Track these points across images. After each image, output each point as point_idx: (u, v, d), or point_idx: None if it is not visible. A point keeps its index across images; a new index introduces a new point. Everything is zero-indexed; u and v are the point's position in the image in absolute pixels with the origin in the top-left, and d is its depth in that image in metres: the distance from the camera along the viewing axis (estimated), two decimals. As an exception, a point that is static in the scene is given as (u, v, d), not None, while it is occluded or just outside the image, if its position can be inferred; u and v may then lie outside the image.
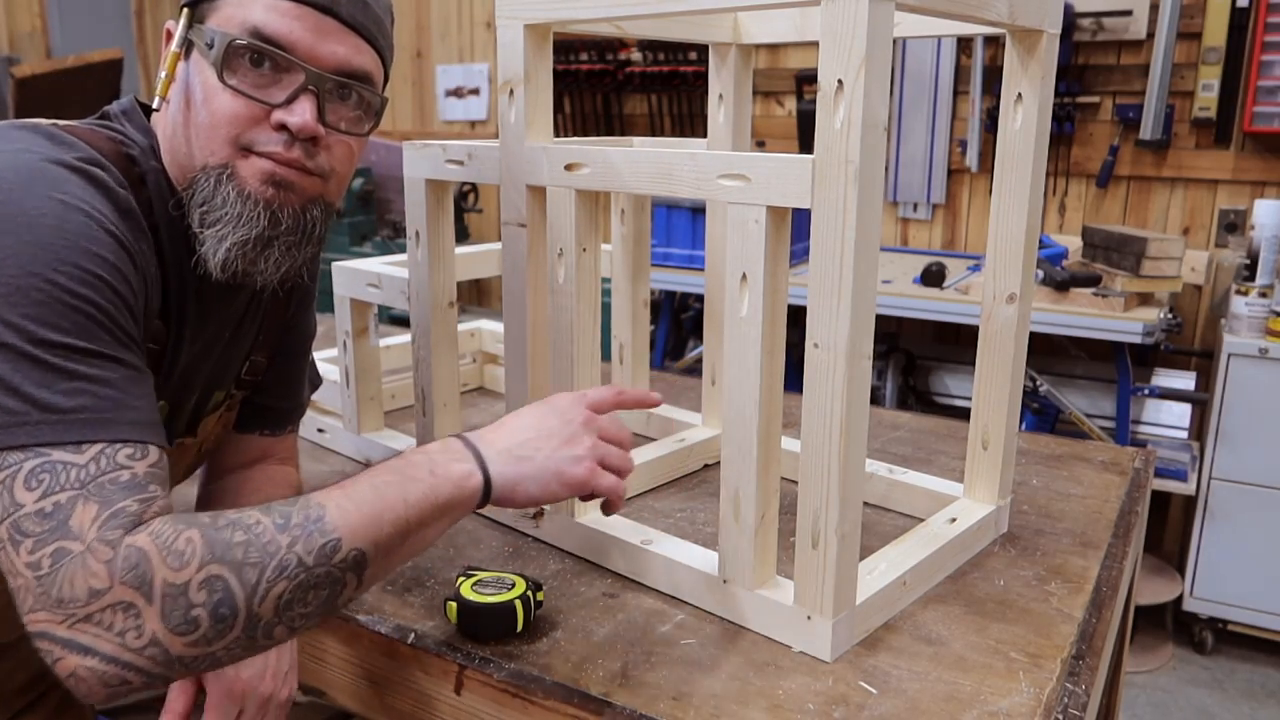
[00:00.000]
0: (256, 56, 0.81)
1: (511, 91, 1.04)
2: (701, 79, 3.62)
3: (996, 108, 1.83)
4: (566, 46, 3.77)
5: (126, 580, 0.64)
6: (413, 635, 0.94)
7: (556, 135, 1.08)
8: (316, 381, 1.23)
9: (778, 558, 0.97)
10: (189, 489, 1.12)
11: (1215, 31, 2.87)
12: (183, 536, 0.66)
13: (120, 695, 0.65)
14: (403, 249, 3.03)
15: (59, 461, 0.66)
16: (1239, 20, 2.84)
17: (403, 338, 1.66)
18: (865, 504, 0.93)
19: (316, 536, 0.70)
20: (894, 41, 0.81)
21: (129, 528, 0.66)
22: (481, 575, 0.95)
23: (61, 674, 0.64)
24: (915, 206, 3.45)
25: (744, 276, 0.87)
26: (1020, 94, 1.03)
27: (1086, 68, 3.08)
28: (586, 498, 0.89)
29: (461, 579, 0.95)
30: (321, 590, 0.70)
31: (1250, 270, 2.74)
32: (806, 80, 3.45)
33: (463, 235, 3.97)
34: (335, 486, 0.75)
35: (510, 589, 0.92)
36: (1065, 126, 3.10)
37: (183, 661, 0.66)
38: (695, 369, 3.22)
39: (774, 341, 0.88)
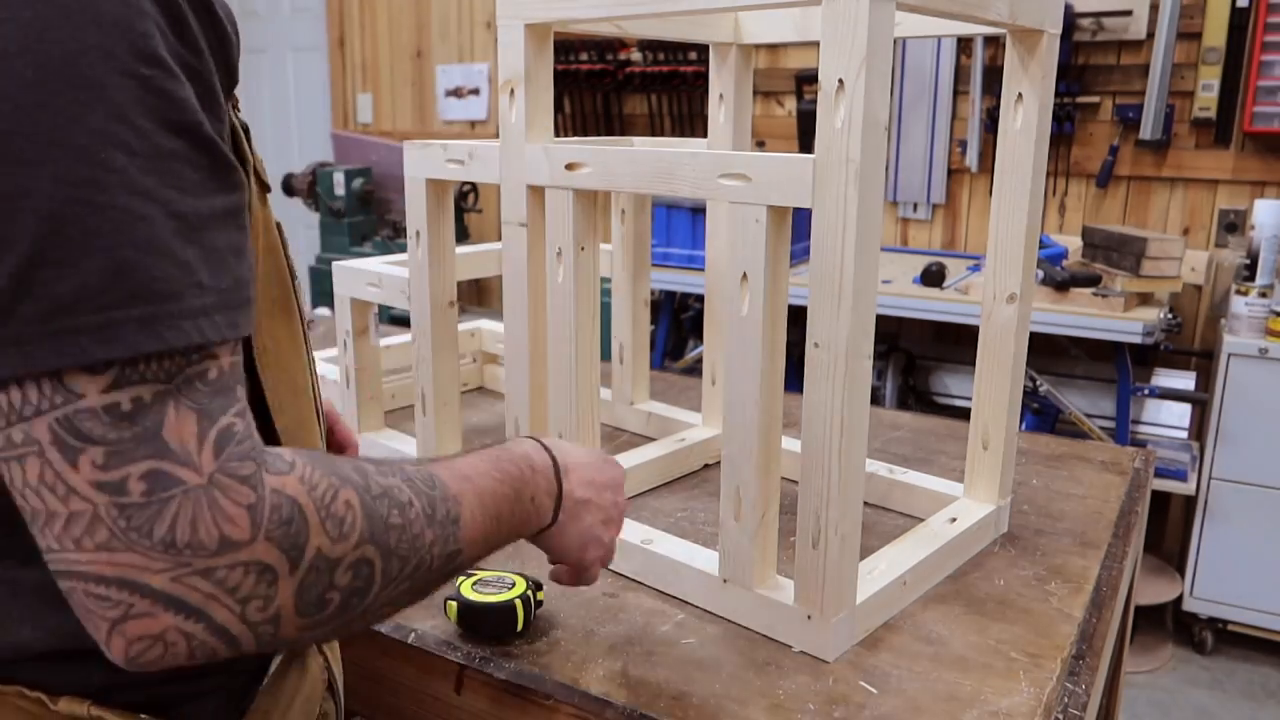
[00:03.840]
0: None
1: (512, 91, 1.04)
2: (701, 79, 3.62)
3: (996, 108, 1.83)
4: (566, 46, 3.77)
5: (274, 537, 0.49)
6: (413, 635, 0.94)
7: (556, 135, 1.08)
8: None
9: (778, 558, 0.97)
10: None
11: (1215, 31, 2.87)
12: (341, 498, 0.53)
13: (196, 664, 0.51)
14: (403, 249, 3.03)
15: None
16: (1239, 20, 2.84)
17: (403, 338, 1.66)
18: (865, 504, 0.93)
19: (451, 542, 0.61)
20: (894, 41, 0.81)
21: (261, 461, 0.50)
22: (482, 574, 0.95)
23: (133, 632, 0.47)
24: (915, 206, 3.45)
25: (744, 276, 0.87)
26: (1020, 94, 1.03)
27: (1086, 68, 3.08)
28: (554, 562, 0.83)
29: (461, 578, 0.95)
30: (419, 597, 0.62)
31: (1250, 270, 2.74)
32: (806, 80, 3.45)
33: (463, 235, 3.97)
34: (463, 471, 0.65)
35: (510, 588, 0.92)
36: (1065, 126, 3.10)
37: (279, 641, 0.53)
38: (695, 369, 3.22)
39: (774, 341, 0.88)
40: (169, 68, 0.49)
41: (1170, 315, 2.74)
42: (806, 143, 3.43)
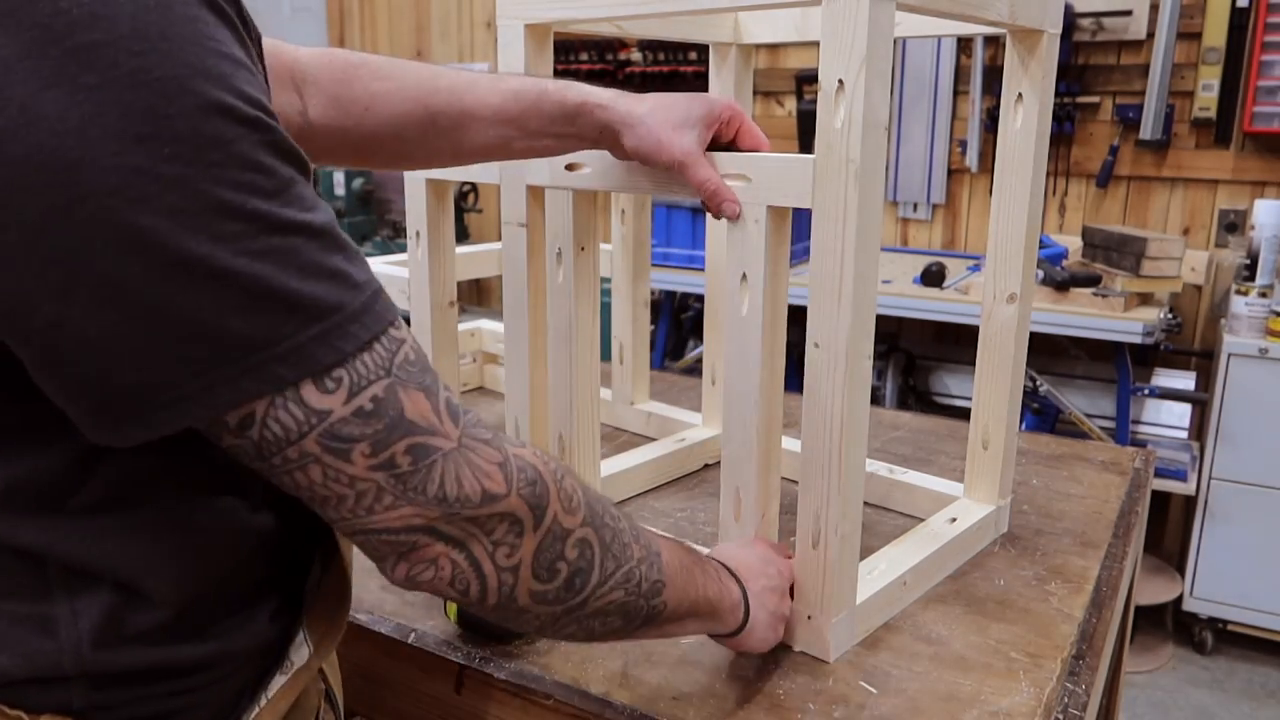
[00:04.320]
0: None
1: (512, 91, 1.04)
2: (701, 79, 3.62)
3: (996, 108, 1.83)
4: (566, 46, 3.77)
5: (524, 494, 0.57)
6: (413, 635, 0.94)
7: (557, 135, 1.08)
8: None
9: (778, 558, 0.97)
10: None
11: (1215, 31, 2.87)
12: (568, 479, 0.60)
13: (450, 595, 0.58)
14: (403, 249, 3.03)
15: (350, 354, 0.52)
16: (1239, 20, 2.84)
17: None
18: (865, 504, 0.93)
19: (655, 571, 0.67)
20: (894, 41, 0.81)
21: (491, 432, 0.57)
22: (482, 575, 0.95)
23: (415, 559, 0.56)
24: (915, 206, 3.45)
25: (744, 276, 0.87)
26: (1020, 94, 1.03)
27: (1086, 68, 3.08)
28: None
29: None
30: (633, 625, 0.67)
31: (1250, 270, 2.74)
32: (806, 80, 3.45)
33: (463, 235, 3.97)
34: (657, 535, 0.72)
35: (510, 589, 0.92)
36: (1065, 126, 3.10)
37: (511, 609, 0.60)
38: (695, 369, 3.22)
39: (774, 341, 0.88)
40: (251, 96, 0.50)
41: (1170, 315, 2.74)
42: (806, 143, 3.43)
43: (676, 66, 3.69)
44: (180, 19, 0.46)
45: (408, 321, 1.24)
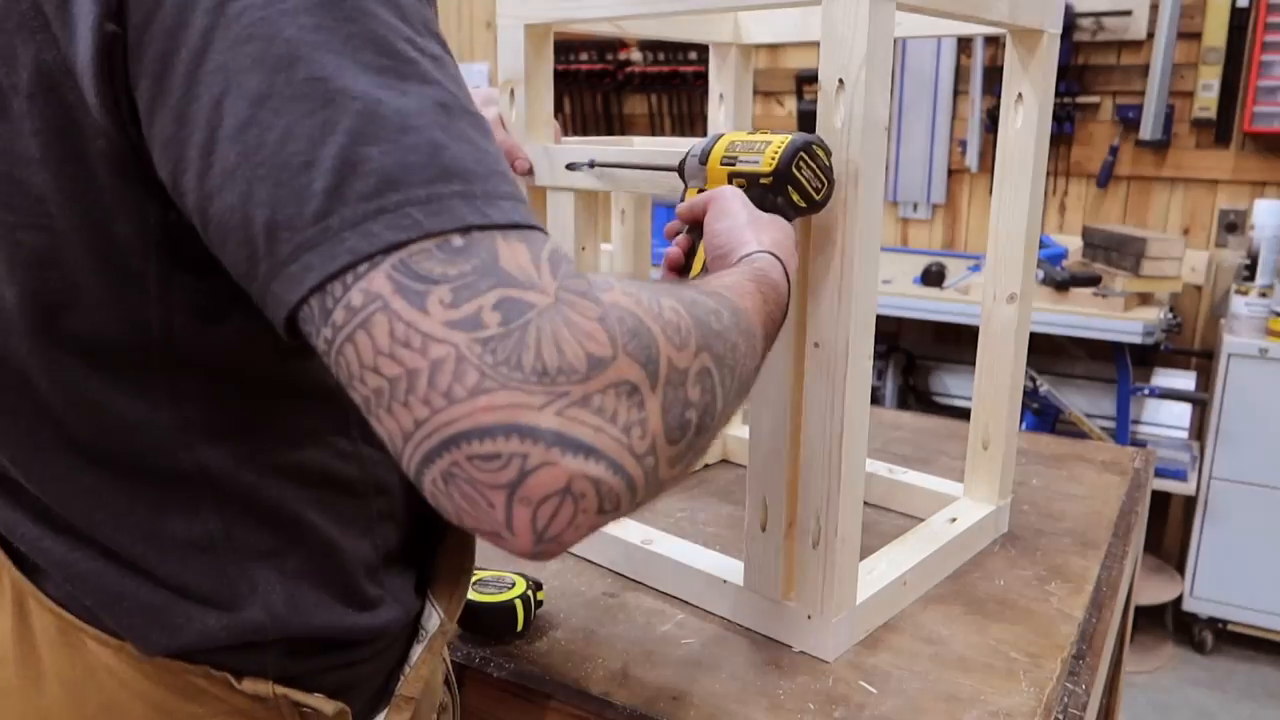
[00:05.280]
0: None
1: (512, 92, 1.04)
2: (701, 79, 3.62)
3: (996, 108, 1.83)
4: (566, 46, 3.77)
5: (632, 351, 0.44)
6: (413, 635, 0.94)
7: (557, 135, 1.08)
8: None
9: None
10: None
11: (1215, 31, 2.87)
12: (666, 305, 0.48)
13: (598, 526, 0.44)
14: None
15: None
16: (1239, 20, 2.84)
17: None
18: (865, 504, 0.93)
19: (754, 357, 0.59)
20: (894, 41, 0.81)
21: (588, 282, 0.46)
22: (481, 574, 0.95)
23: (537, 493, 0.41)
24: (915, 206, 3.45)
25: None
26: (1021, 94, 1.03)
27: (1086, 68, 3.08)
28: None
29: (462, 579, 0.95)
30: (735, 406, 0.56)
31: (1250, 270, 2.74)
32: (806, 80, 3.45)
33: (463, 235, 3.96)
34: (742, 290, 0.62)
35: (510, 588, 0.92)
36: (1065, 126, 3.10)
37: (659, 480, 0.46)
38: (695, 369, 3.21)
39: (804, 345, 0.88)
40: None
41: (1170, 315, 2.74)
42: (806, 143, 3.42)
43: (676, 66, 3.69)
44: None
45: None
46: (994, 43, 3.13)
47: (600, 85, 3.84)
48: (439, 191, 0.43)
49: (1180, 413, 2.98)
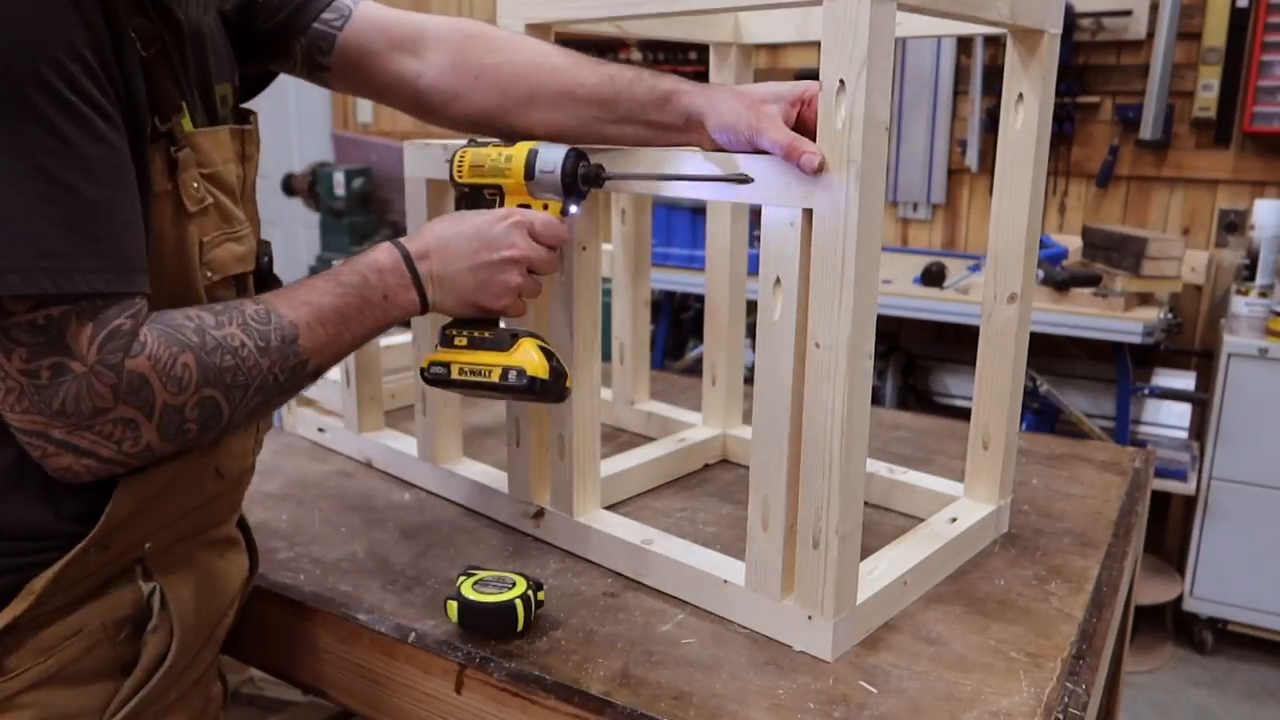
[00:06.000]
0: None
1: (512, 91, 1.04)
2: (701, 79, 3.61)
3: (996, 107, 1.83)
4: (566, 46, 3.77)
5: (130, 402, 0.71)
6: (413, 635, 0.94)
7: (557, 135, 1.08)
8: None
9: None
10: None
11: (1215, 31, 2.87)
12: (179, 362, 0.72)
13: (102, 476, 0.74)
14: (403, 249, 3.02)
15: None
16: (1239, 20, 2.84)
17: (403, 338, 1.66)
18: (866, 504, 0.93)
19: (290, 359, 0.79)
20: (894, 41, 0.81)
21: (127, 349, 0.70)
22: (482, 574, 0.95)
23: (50, 467, 0.72)
24: (915, 206, 3.46)
25: (777, 280, 0.86)
26: (1021, 94, 1.03)
27: (1086, 68, 3.08)
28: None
29: (462, 578, 0.95)
30: (285, 398, 0.82)
31: (1250, 270, 2.74)
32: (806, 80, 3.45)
33: (463, 235, 3.96)
34: (301, 298, 0.82)
35: (511, 588, 0.92)
36: (1065, 126, 3.10)
37: (164, 456, 0.76)
38: (695, 369, 3.22)
39: (806, 346, 0.88)
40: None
41: (1170, 315, 2.74)
42: (806, 143, 3.42)
43: (676, 66, 3.69)
44: None
45: (407, 323, 1.24)
46: (994, 43, 3.13)
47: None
48: (31, 269, 0.65)
49: (1180, 413, 2.98)
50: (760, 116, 0.85)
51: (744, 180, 0.85)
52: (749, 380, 1.08)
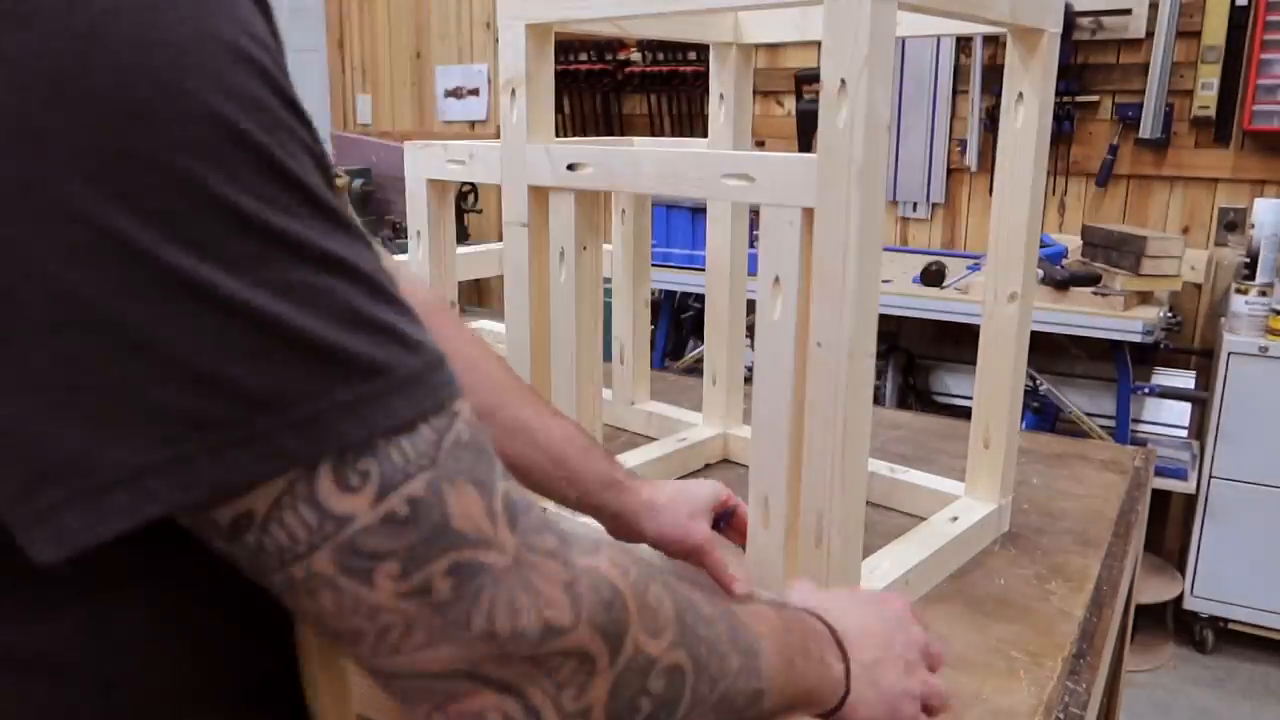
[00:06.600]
0: None
1: (513, 91, 1.04)
2: (701, 79, 3.62)
3: (996, 107, 1.83)
4: (566, 46, 3.77)
5: (597, 624, 0.44)
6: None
7: (556, 135, 1.08)
8: None
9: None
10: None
11: (1215, 30, 2.87)
12: (652, 590, 0.48)
13: None
14: (403, 249, 3.02)
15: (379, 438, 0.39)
16: (1238, 19, 2.84)
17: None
18: (867, 503, 0.93)
19: (754, 678, 0.55)
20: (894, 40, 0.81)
21: (559, 534, 0.45)
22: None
23: (454, 712, 0.43)
24: (915, 206, 3.45)
25: (776, 279, 0.86)
26: (1021, 93, 1.03)
27: (1086, 67, 3.08)
28: None
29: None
30: None
31: (1250, 269, 2.74)
32: (806, 80, 3.45)
33: (463, 235, 3.97)
34: (756, 613, 0.60)
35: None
36: (1065, 126, 3.10)
37: None
38: (695, 369, 3.22)
39: (806, 345, 0.88)
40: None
41: (1170, 314, 2.74)
42: (805, 142, 3.43)
43: (676, 66, 3.69)
44: None
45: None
46: (993, 42, 3.13)
47: (600, 85, 3.84)
48: (320, 408, 0.38)
49: (1180, 411, 2.98)
50: (704, 537, 0.90)
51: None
52: (749, 380, 1.08)
